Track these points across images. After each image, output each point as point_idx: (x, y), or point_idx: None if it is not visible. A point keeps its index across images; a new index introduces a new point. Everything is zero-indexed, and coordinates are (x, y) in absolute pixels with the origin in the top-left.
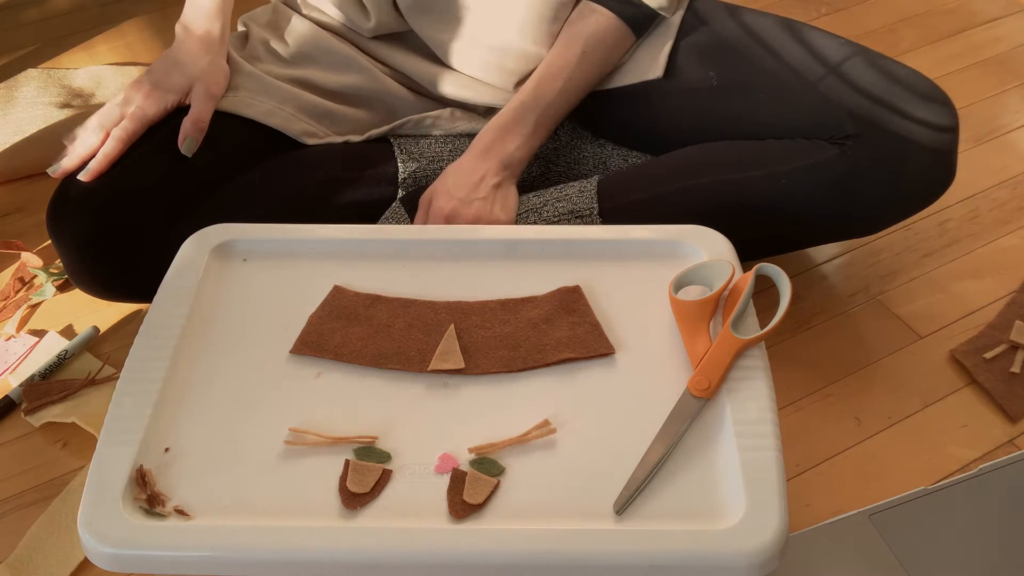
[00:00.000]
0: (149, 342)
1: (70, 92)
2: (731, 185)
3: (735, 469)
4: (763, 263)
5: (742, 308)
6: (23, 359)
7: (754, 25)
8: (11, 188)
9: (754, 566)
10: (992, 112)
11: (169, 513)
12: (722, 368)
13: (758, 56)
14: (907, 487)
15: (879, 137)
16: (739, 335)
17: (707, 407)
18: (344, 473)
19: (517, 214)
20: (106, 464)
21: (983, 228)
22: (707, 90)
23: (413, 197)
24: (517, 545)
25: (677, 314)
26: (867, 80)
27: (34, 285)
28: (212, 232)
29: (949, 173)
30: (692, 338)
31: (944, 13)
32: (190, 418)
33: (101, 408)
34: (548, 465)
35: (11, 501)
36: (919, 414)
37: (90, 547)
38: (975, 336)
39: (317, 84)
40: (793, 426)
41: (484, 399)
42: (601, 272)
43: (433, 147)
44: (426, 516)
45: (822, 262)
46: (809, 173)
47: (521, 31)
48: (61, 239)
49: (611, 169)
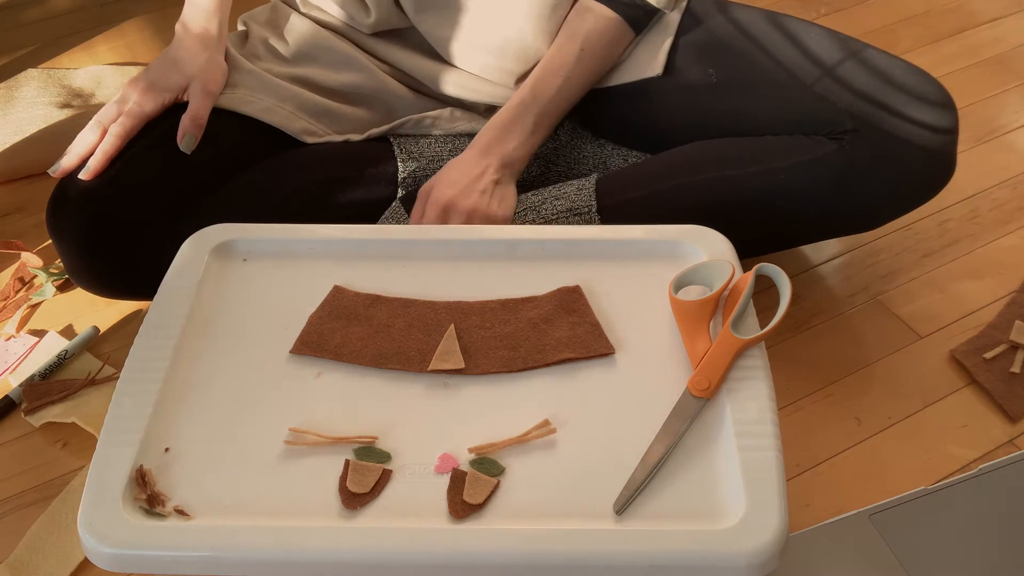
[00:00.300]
0: (149, 342)
1: (70, 92)
2: (729, 182)
3: (735, 469)
4: (763, 263)
5: (742, 308)
6: (23, 359)
7: (753, 22)
8: (11, 188)
9: (754, 566)
10: (992, 112)
11: (169, 513)
12: (722, 368)
13: (757, 53)
14: (907, 487)
15: (878, 133)
16: (739, 335)
17: (707, 407)
18: (344, 473)
19: (515, 212)
20: (106, 464)
21: (983, 228)
22: (706, 87)
23: (413, 196)
24: (517, 545)
25: (677, 314)
26: (866, 76)
27: (34, 285)
28: (212, 232)
29: (948, 169)
30: (692, 338)
31: (944, 13)
32: (190, 418)
33: (101, 408)
34: (548, 465)
35: (11, 501)
36: (919, 414)
37: (90, 547)
38: (975, 336)
39: (317, 82)
40: (793, 426)
41: (484, 399)
42: (601, 272)
43: (433, 147)
44: (426, 516)
45: (822, 262)
46: (807, 169)
47: (522, 28)
48: (61, 237)
49: (611, 169)
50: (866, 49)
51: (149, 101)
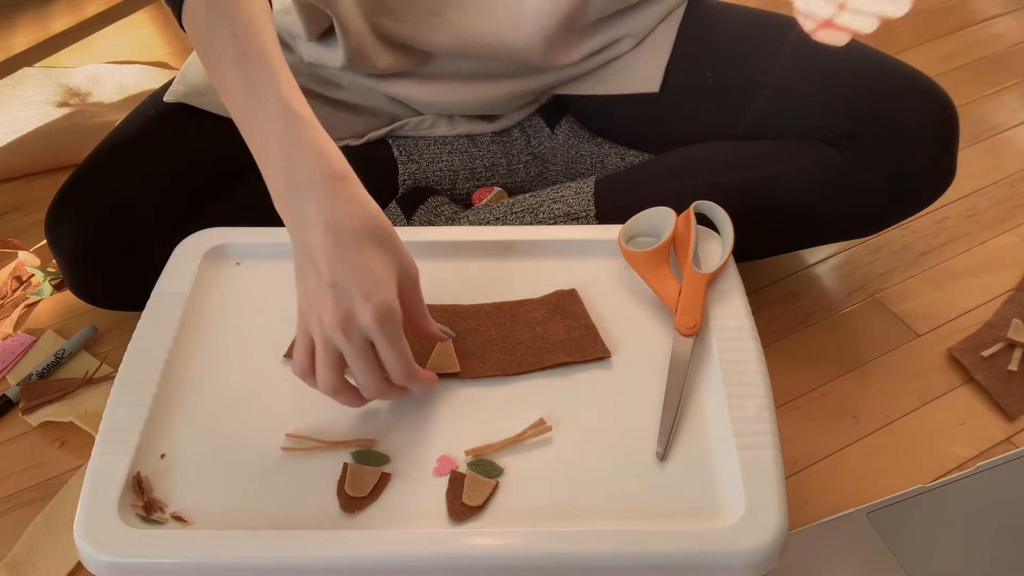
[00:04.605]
0: (143, 347)
1: (67, 91)
2: (727, 187)
3: (734, 468)
4: (698, 201)
5: (695, 246)
6: (20, 358)
7: (751, 23)
8: (8, 187)
9: (754, 564)
10: (990, 110)
11: (167, 520)
12: (699, 304)
13: (755, 55)
14: (905, 485)
15: (875, 138)
16: (702, 271)
17: (707, 405)
18: (342, 477)
19: (513, 213)
20: (102, 471)
21: (980, 226)
22: (704, 90)
23: (410, 197)
24: (517, 547)
25: (635, 264)
26: (863, 79)
27: (31, 284)
28: (204, 236)
29: (947, 174)
30: (660, 284)
31: (942, 11)
32: (186, 424)
33: (99, 407)
34: (547, 466)
35: (9, 500)
36: (917, 412)
37: (87, 555)
38: (973, 334)
39: (316, 91)
40: (791, 424)
41: (481, 401)
42: (597, 272)
43: (432, 148)
44: (425, 519)
45: (819, 260)
46: (805, 174)
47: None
48: (60, 250)
49: (608, 168)
50: (864, 51)
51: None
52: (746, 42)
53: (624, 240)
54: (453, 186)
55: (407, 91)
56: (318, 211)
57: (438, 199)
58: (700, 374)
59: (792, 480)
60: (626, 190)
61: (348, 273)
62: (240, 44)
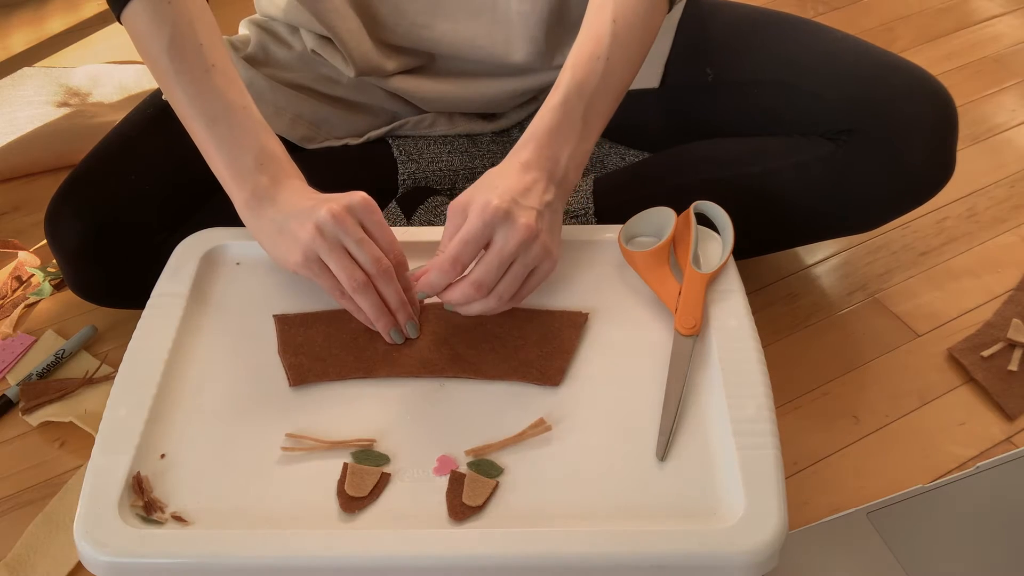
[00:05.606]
0: (143, 348)
1: (67, 91)
2: (727, 183)
3: (734, 468)
4: (698, 201)
5: (695, 246)
6: (20, 358)
7: (750, 21)
8: (8, 187)
9: (754, 564)
10: (989, 110)
11: (167, 520)
12: (699, 304)
13: (754, 52)
14: (905, 485)
15: (875, 133)
16: (702, 271)
17: (707, 406)
18: (342, 477)
19: None
20: (102, 471)
21: (980, 226)
22: (703, 86)
23: (410, 197)
24: (518, 547)
25: (635, 265)
26: (863, 75)
27: (31, 284)
28: (204, 236)
29: (947, 169)
30: (660, 284)
31: (941, 11)
32: (186, 424)
33: (99, 407)
34: (546, 465)
35: (9, 500)
36: (917, 412)
37: (87, 555)
38: (973, 334)
39: (316, 89)
40: (791, 424)
41: (481, 401)
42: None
43: (432, 147)
44: (426, 519)
45: (819, 260)
46: (805, 170)
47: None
48: (60, 248)
49: (608, 167)
50: (862, 46)
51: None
52: (745, 39)
53: (624, 240)
54: (453, 186)
55: (411, 86)
56: (269, 228)
57: (438, 199)
58: (700, 374)
59: (792, 480)
60: (625, 188)
61: (305, 212)
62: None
